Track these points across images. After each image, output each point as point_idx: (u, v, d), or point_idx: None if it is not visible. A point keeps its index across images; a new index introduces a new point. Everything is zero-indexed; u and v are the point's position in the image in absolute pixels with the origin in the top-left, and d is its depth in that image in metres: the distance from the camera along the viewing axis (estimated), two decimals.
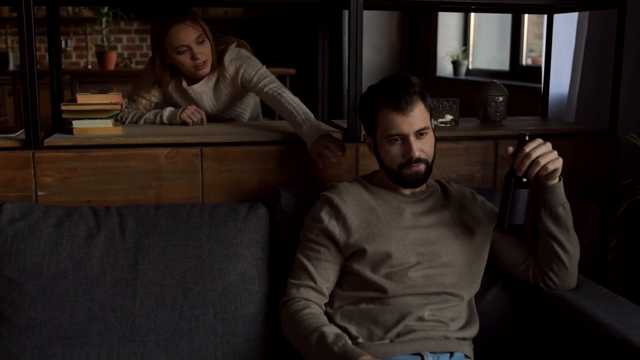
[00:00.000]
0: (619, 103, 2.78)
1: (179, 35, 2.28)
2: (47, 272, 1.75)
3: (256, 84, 2.33)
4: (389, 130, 1.72)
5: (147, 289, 1.77)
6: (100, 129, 2.11)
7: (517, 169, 1.67)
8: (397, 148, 1.73)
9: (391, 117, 1.71)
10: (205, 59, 2.34)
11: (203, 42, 2.32)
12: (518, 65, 4.39)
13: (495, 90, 2.42)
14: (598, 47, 2.98)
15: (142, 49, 5.98)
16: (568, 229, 1.76)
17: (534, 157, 1.64)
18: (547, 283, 1.81)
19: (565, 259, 1.76)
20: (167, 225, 1.86)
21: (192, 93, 2.44)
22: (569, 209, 1.76)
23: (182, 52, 2.31)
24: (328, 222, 1.75)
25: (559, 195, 1.74)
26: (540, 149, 1.65)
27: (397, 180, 1.78)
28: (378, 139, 1.77)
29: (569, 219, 1.76)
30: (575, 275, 1.81)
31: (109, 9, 4.98)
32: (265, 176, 2.10)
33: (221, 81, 2.43)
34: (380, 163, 1.81)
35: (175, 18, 2.28)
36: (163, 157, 2.03)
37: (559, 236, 1.75)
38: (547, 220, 1.75)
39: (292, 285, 1.76)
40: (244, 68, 2.36)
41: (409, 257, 1.71)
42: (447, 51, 5.16)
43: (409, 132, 1.71)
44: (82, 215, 1.86)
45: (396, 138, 1.72)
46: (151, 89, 2.46)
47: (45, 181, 1.98)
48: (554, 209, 1.74)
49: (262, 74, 2.34)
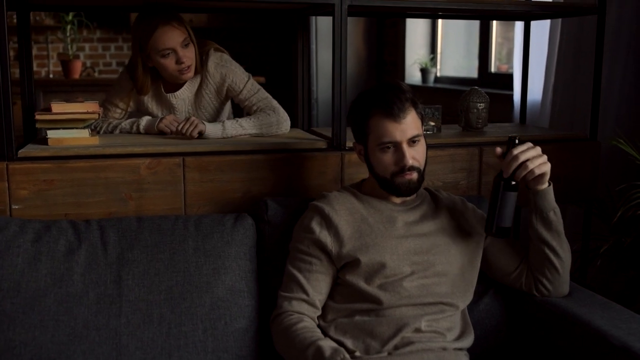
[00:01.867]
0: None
1: (164, 37, 2.19)
2: (26, 290, 1.66)
3: (246, 98, 2.29)
4: (382, 138, 1.69)
5: (133, 305, 1.70)
6: (77, 139, 2.04)
7: (504, 170, 1.66)
8: (390, 156, 1.70)
9: (384, 125, 1.68)
10: (190, 63, 2.25)
11: (188, 45, 2.24)
12: (487, 72, 4.41)
13: (476, 97, 2.41)
14: (571, 54, 3.01)
15: (105, 58, 5.86)
16: (559, 234, 1.75)
17: (521, 159, 1.63)
18: (540, 290, 1.80)
19: (558, 265, 1.75)
20: (151, 238, 1.79)
21: (173, 100, 2.35)
22: (559, 213, 1.75)
23: (167, 55, 2.21)
24: (319, 233, 1.71)
25: (550, 200, 1.73)
26: (529, 153, 1.64)
27: (389, 189, 1.74)
28: (370, 147, 1.73)
29: (560, 224, 1.75)
30: (567, 282, 1.80)
31: (74, 16, 4.86)
32: (249, 186, 2.04)
33: (204, 87, 2.35)
34: (371, 171, 1.77)
35: (160, 19, 2.19)
36: (144, 167, 1.96)
37: (550, 241, 1.74)
38: (539, 226, 1.74)
39: (284, 298, 1.70)
40: (231, 78, 2.30)
41: (403, 267, 1.68)
42: (415, 59, 5.17)
43: (401, 140, 1.68)
44: (61, 230, 1.77)
45: (389, 146, 1.69)
46: (127, 97, 2.36)
47: (20, 194, 1.89)
48: (545, 214, 1.73)
49: (251, 87, 2.29)
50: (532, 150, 1.65)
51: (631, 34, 2.67)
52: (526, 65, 2.77)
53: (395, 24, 5.40)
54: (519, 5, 2.38)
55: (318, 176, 2.09)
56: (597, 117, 2.39)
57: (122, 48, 5.91)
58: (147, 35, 2.19)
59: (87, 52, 5.73)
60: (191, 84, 2.35)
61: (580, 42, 2.95)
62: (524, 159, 1.64)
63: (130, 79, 2.32)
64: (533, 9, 2.37)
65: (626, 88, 2.70)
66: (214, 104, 2.40)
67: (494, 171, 2.24)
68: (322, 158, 2.09)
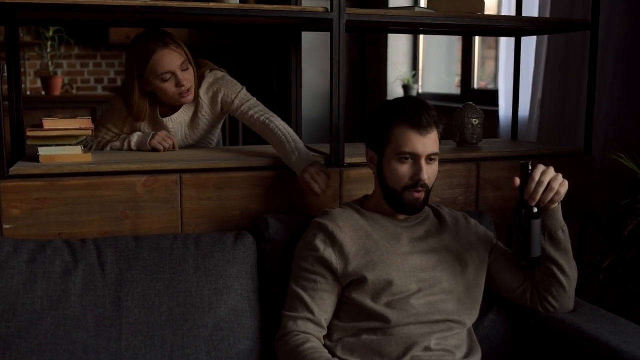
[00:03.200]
0: (581, 124, 2.84)
1: (163, 61, 2.12)
2: (22, 313, 1.60)
3: (238, 108, 2.22)
4: (403, 148, 1.66)
5: (133, 327, 1.64)
6: (69, 156, 1.99)
7: (530, 198, 1.60)
8: (407, 168, 1.67)
9: (408, 134, 1.66)
10: (190, 86, 2.19)
11: (187, 68, 2.18)
12: (470, 88, 4.44)
13: (471, 112, 2.41)
14: (559, 69, 3.03)
15: (84, 75, 5.78)
16: (567, 252, 1.73)
17: (546, 183, 1.59)
18: (545, 307, 1.78)
19: (565, 283, 1.73)
20: (150, 258, 1.74)
21: (169, 124, 2.28)
22: (567, 232, 1.73)
23: (167, 79, 2.14)
24: (324, 250, 1.67)
25: (559, 218, 1.71)
26: (548, 175, 1.61)
27: (395, 204, 1.71)
28: (386, 156, 1.70)
29: (568, 242, 1.73)
30: (573, 298, 1.79)
31: (55, 32, 4.78)
32: (248, 203, 2.01)
33: (200, 111, 2.28)
34: (381, 182, 1.73)
35: (157, 43, 2.12)
36: (140, 185, 1.91)
37: (559, 260, 1.71)
38: (547, 245, 1.71)
39: (289, 318, 1.66)
40: (223, 91, 2.24)
41: (410, 285, 1.65)
42: (397, 75, 5.19)
43: (422, 154, 1.66)
44: (56, 250, 1.71)
45: (407, 157, 1.67)
46: (122, 123, 2.27)
47: (12, 213, 1.82)
48: (554, 232, 1.70)
49: (243, 96, 2.23)
50: (550, 171, 1.62)
51: (618, 49, 2.69)
52: (517, 81, 2.78)
53: (377, 40, 5.41)
54: (513, 22, 2.38)
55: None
56: (591, 132, 2.40)
57: (100, 65, 5.84)
58: (145, 59, 2.12)
59: (65, 68, 5.64)
60: (187, 108, 2.29)
61: (568, 58, 2.97)
62: (547, 181, 1.60)
63: (125, 104, 2.24)
64: (527, 25, 2.38)
65: (615, 102, 2.72)
66: (210, 123, 2.34)
67: (492, 187, 2.24)
68: None
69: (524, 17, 2.52)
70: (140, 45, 2.14)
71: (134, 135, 2.25)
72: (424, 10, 2.21)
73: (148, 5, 1.90)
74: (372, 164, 1.77)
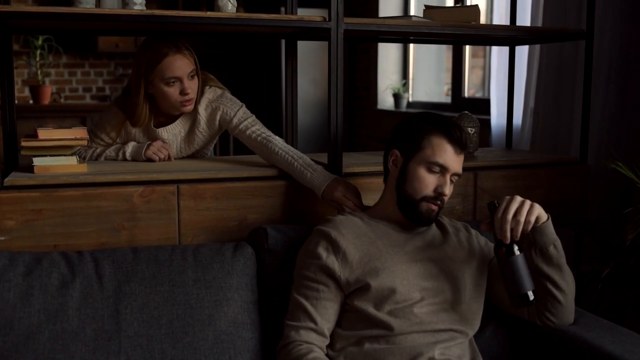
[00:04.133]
0: (574, 132, 2.86)
1: (173, 65, 2.08)
2: (19, 326, 1.57)
3: (237, 126, 2.16)
4: (436, 157, 1.67)
5: (132, 341, 1.62)
6: (64, 166, 1.96)
7: (503, 237, 1.58)
8: (433, 179, 1.68)
9: (445, 146, 1.67)
10: (193, 96, 2.15)
11: (194, 77, 2.14)
12: (460, 97, 4.45)
13: (467, 121, 2.41)
14: (552, 78, 3.05)
15: (72, 84, 5.73)
16: (561, 267, 1.68)
17: (510, 218, 1.57)
18: (544, 321, 1.75)
19: (561, 298, 1.69)
20: (148, 270, 1.71)
21: (164, 135, 2.24)
22: (560, 246, 1.69)
23: (172, 83, 2.10)
24: (326, 258, 1.65)
25: (549, 234, 1.66)
26: (512, 207, 1.58)
27: (409, 212, 1.71)
28: (415, 160, 1.69)
29: (561, 257, 1.68)
30: (572, 311, 1.75)
31: (44, 40, 4.74)
32: (245, 214, 1.99)
33: (197, 126, 2.24)
34: (399, 186, 1.71)
35: (171, 46, 2.08)
36: (137, 195, 1.89)
37: (552, 275, 1.67)
38: (539, 261, 1.67)
39: (291, 327, 1.64)
40: (222, 109, 2.19)
41: (413, 293, 1.64)
42: (387, 84, 5.19)
43: (451, 169, 1.68)
44: (53, 262, 1.69)
45: (437, 168, 1.67)
46: (117, 131, 2.23)
47: (6, 224, 1.79)
48: (545, 249, 1.66)
49: (242, 115, 2.18)
50: (514, 202, 1.59)
51: (612, 58, 2.71)
52: (511, 90, 2.79)
53: (367, 49, 5.42)
54: (509, 31, 2.39)
55: (315, 203, 2.04)
56: (586, 140, 2.41)
57: (88, 74, 5.80)
58: (156, 61, 2.08)
59: (53, 77, 5.60)
60: (184, 121, 2.25)
61: (561, 66, 2.99)
62: (512, 215, 1.57)
63: (122, 111, 2.20)
64: (522, 35, 2.39)
65: (608, 111, 2.74)
66: (206, 139, 2.30)
67: (489, 197, 2.24)
68: None
69: (520, 26, 2.53)
70: (152, 47, 2.10)
71: (128, 145, 2.21)
72: (421, 20, 2.21)
73: (145, 14, 1.88)
74: (393, 165, 1.75)
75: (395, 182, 1.74)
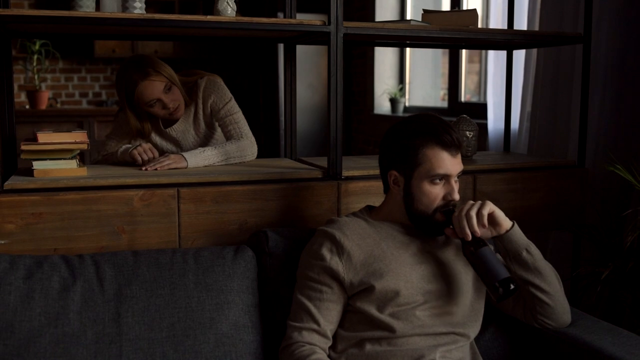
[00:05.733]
0: (571, 136, 2.87)
1: (145, 92, 2.26)
2: (20, 330, 1.56)
3: (222, 118, 2.35)
4: (436, 170, 1.64)
5: (134, 344, 1.61)
6: (64, 170, 1.96)
7: (464, 235, 1.62)
8: (439, 189, 1.66)
9: (440, 156, 1.64)
10: (177, 105, 2.33)
11: (170, 88, 2.29)
12: (457, 102, 4.46)
13: (466, 125, 2.42)
14: (549, 82, 3.06)
15: (68, 89, 5.72)
16: (540, 270, 1.68)
17: (464, 215, 1.61)
18: (540, 323, 1.74)
19: (548, 300, 1.69)
20: (149, 273, 1.71)
21: (174, 134, 2.41)
22: (534, 250, 1.69)
23: (153, 104, 2.29)
24: (330, 260, 1.65)
25: (517, 240, 1.67)
26: (465, 207, 1.64)
27: (425, 226, 1.70)
28: (416, 178, 1.66)
29: (537, 261, 1.68)
30: (566, 311, 1.74)
31: (41, 45, 4.74)
32: (246, 217, 1.99)
33: (199, 115, 2.40)
34: (408, 205, 1.69)
35: (138, 75, 2.25)
36: (137, 199, 1.88)
37: (532, 280, 1.67)
38: (516, 268, 1.68)
39: (294, 328, 1.64)
40: (213, 98, 2.36)
41: (416, 296, 1.64)
42: (384, 89, 5.21)
43: (453, 174, 1.66)
44: (53, 265, 1.68)
45: (440, 178, 1.66)
46: (128, 138, 2.39)
47: (6, 228, 1.79)
48: (518, 255, 1.67)
49: (229, 108, 2.34)
50: (467, 203, 1.65)
51: (608, 61, 2.72)
52: (509, 94, 2.80)
53: (364, 54, 5.43)
54: (506, 35, 2.40)
55: (314, 206, 2.04)
56: (584, 144, 2.42)
57: (85, 79, 5.79)
58: (131, 90, 2.26)
59: (50, 82, 5.59)
60: (186, 116, 2.40)
61: (558, 70, 3.00)
62: (465, 213, 1.62)
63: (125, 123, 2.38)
64: (520, 39, 2.40)
65: (605, 114, 2.75)
66: (208, 122, 2.44)
67: (488, 199, 2.23)
68: (319, 188, 2.05)
69: (517, 30, 2.55)
70: (124, 77, 2.28)
71: (122, 146, 2.31)
72: (420, 24, 2.22)
73: (145, 18, 1.89)
74: (395, 185, 1.72)
75: (402, 200, 1.71)
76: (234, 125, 2.34)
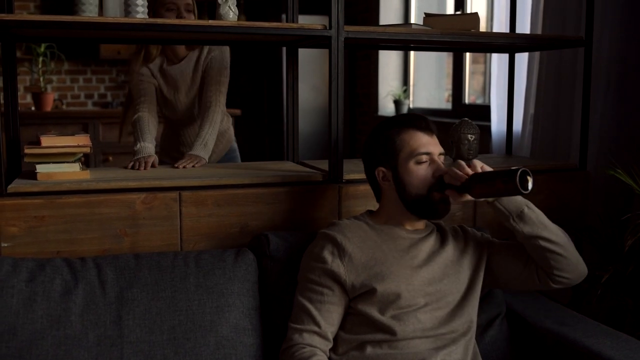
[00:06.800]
0: (574, 139, 2.87)
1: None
2: (22, 332, 1.58)
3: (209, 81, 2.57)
4: (418, 149, 1.70)
5: (135, 347, 1.63)
6: (67, 173, 1.98)
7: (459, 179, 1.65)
8: (426, 168, 1.70)
9: (418, 136, 1.72)
10: None
11: (190, 12, 2.52)
12: (461, 103, 4.47)
13: (467, 128, 2.42)
14: (552, 85, 3.06)
15: (74, 90, 5.75)
16: (545, 224, 1.67)
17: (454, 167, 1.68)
18: (556, 280, 1.69)
19: (560, 250, 1.66)
20: (150, 276, 1.73)
21: (173, 73, 2.63)
22: (534, 207, 1.69)
23: (171, 9, 2.48)
24: (332, 262, 1.66)
25: (515, 200, 1.68)
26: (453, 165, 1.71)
27: (424, 210, 1.71)
28: (401, 165, 1.71)
29: (540, 215, 1.68)
30: (580, 262, 1.71)
31: (46, 48, 4.77)
32: (247, 220, 2.00)
33: (200, 59, 2.62)
34: (402, 194, 1.72)
35: None
36: (139, 202, 1.90)
37: (540, 233, 1.66)
38: (522, 227, 1.66)
39: (294, 330, 1.65)
40: (217, 52, 2.59)
41: (417, 299, 1.65)
42: (388, 91, 5.21)
43: (435, 152, 1.71)
44: (56, 268, 1.70)
45: (424, 158, 1.70)
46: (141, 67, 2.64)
47: (10, 231, 1.81)
48: (520, 212, 1.67)
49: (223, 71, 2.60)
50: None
51: (610, 64, 2.73)
52: (511, 97, 2.81)
53: (367, 56, 5.44)
54: (508, 38, 2.41)
55: (315, 209, 2.06)
56: (586, 147, 2.42)
57: (90, 80, 5.82)
58: None
59: (55, 84, 5.62)
60: (189, 58, 2.63)
61: (560, 73, 3.00)
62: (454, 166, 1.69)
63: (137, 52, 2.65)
64: (521, 42, 2.40)
65: (607, 117, 2.75)
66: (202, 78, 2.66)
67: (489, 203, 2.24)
68: (320, 191, 2.06)
69: (519, 34, 2.55)
70: None
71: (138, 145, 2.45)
72: (421, 28, 2.23)
73: (148, 23, 1.90)
74: (385, 181, 1.76)
75: (395, 194, 1.74)
76: (214, 95, 2.56)
